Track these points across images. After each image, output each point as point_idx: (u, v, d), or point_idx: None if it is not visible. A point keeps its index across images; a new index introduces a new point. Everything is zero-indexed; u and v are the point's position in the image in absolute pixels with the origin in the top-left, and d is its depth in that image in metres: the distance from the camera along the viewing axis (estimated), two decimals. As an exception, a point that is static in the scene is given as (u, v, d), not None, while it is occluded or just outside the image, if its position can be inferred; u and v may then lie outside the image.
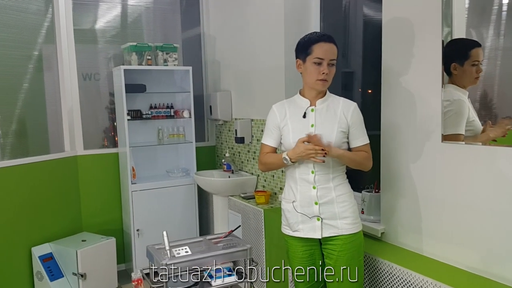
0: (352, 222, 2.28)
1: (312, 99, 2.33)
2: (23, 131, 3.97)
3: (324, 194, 2.27)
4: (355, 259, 2.28)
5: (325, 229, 2.28)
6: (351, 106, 2.31)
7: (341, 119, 2.27)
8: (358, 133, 2.30)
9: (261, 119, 3.95)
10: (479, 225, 2.13)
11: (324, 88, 2.30)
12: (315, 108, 2.31)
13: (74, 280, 3.77)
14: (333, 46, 2.24)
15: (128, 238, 4.33)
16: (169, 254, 2.48)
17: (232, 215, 3.99)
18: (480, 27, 2.22)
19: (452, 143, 2.25)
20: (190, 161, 4.56)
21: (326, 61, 2.22)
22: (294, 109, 2.36)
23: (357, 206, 2.35)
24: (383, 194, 2.70)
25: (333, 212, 2.27)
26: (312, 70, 2.25)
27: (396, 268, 2.33)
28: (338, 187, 2.29)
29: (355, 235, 2.29)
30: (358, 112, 2.31)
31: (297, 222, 2.34)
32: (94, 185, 4.37)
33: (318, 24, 3.54)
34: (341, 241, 2.27)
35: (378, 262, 2.46)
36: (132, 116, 4.29)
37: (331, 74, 2.26)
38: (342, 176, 2.33)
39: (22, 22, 3.84)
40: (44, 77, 4.12)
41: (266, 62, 3.82)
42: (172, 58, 4.36)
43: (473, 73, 2.19)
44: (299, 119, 2.32)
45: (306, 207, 2.30)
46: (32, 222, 3.82)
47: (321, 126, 2.27)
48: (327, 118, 2.28)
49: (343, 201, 2.28)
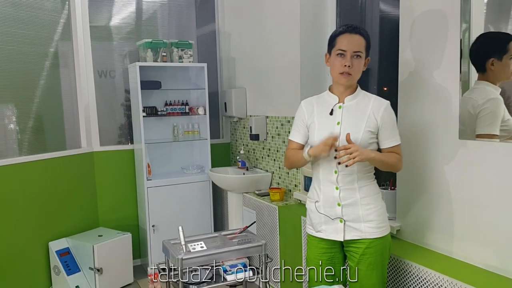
0: (376, 226, 2.18)
1: (340, 95, 2.23)
2: (40, 127, 4.01)
3: (348, 196, 2.18)
4: (377, 263, 2.19)
5: (347, 232, 2.20)
6: (382, 105, 2.17)
7: (370, 118, 2.15)
8: (389, 134, 2.18)
9: (276, 116, 3.94)
10: (500, 223, 2.11)
11: (348, 82, 2.17)
12: (343, 105, 2.20)
13: (90, 274, 3.81)
14: (358, 37, 2.13)
15: (144, 233, 4.36)
16: (184, 249, 2.49)
17: (246, 212, 4.00)
18: (499, 23, 2.19)
19: (468, 140, 2.21)
20: (205, 158, 4.58)
21: (349, 52, 2.11)
22: (322, 105, 2.26)
23: (384, 208, 2.25)
24: (399, 192, 2.68)
25: (357, 215, 2.18)
26: (335, 63, 2.17)
27: (412, 265, 2.31)
28: (363, 189, 2.19)
29: (379, 239, 2.19)
30: (389, 111, 2.18)
31: (320, 222, 2.27)
32: (110, 181, 4.41)
33: (334, 21, 3.53)
34: (364, 244, 2.18)
35: (393, 259, 2.44)
36: (147, 113, 4.31)
37: (356, 68, 2.14)
38: (368, 177, 2.22)
39: (39, 19, 3.88)
40: (60, 74, 4.16)
41: (281, 58, 3.82)
42: (187, 55, 4.37)
43: (511, 68, 2.10)
44: (326, 116, 2.22)
45: (329, 208, 2.22)
46: (49, 217, 3.86)
47: (347, 124, 2.16)
48: (355, 116, 2.17)
49: (368, 203, 2.18)
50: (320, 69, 3.58)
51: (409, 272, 2.34)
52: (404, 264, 2.37)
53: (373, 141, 2.17)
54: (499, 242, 2.11)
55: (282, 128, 3.85)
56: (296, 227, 3.22)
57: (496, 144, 2.12)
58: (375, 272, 2.19)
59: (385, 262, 2.24)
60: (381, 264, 2.21)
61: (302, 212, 3.24)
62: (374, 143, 2.19)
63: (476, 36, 2.21)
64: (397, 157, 2.19)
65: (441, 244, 2.41)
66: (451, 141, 2.30)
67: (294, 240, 3.26)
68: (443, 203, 2.39)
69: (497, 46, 2.15)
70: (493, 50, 2.15)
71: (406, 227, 2.65)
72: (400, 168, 2.25)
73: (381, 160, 2.15)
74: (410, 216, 2.61)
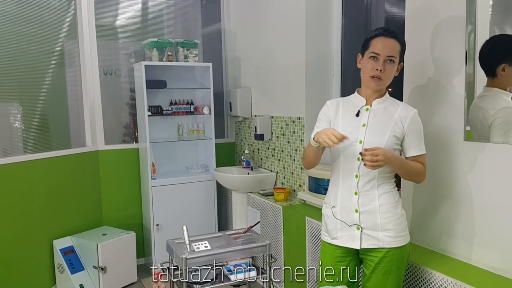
0: (394, 235, 2.11)
1: (368, 98, 2.16)
2: (45, 125, 4.03)
3: (366, 202, 2.11)
4: (393, 272, 2.13)
5: (364, 240, 2.12)
6: (410, 112, 2.12)
7: (397, 124, 2.09)
8: (415, 142, 2.11)
9: (281, 116, 3.94)
10: (505, 225, 2.10)
11: (378, 87, 2.11)
12: (371, 108, 2.14)
13: (94, 273, 3.82)
14: (394, 41, 2.07)
15: (148, 232, 4.36)
16: (188, 248, 2.49)
17: (251, 212, 4.00)
18: (504, 24, 2.17)
19: (474, 142, 2.19)
20: (210, 157, 4.58)
21: (382, 57, 2.05)
22: (348, 107, 2.20)
23: (404, 217, 2.17)
24: (404, 193, 2.66)
25: (375, 223, 2.11)
26: (367, 65, 2.10)
27: (419, 268, 2.30)
28: (383, 196, 2.11)
29: (397, 249, 2.11)
30: (417, 119, 2.12)
31: (335, 229, 2.20)
32: (114, 180, 4.42)
33: (339, 21, 3.52)
34: (381, 253, 2.11)
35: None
36: (152, 112, 4.31)
37: (387, 73, 2.07)
38: (390, 184, 2.15)
39: (45, 18, 3.89)
40: (66, 73, 4.17)
41: (286, 58, 3.81)
42: (193, 54, 4.37)
43: None
44: (352, 117, 2.15)
45: (346, 214, 2.15)
46: (53, 215, 3.87)
47: (373, 127, 2.10)
48: (382, 120, 2.11)
49: (387, 211, 2.10)
50: (326, 69, 3.58)
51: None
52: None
53: (397, 147, 2.12)
54: (503, 244, 2.10)
55: (287, 128, 3.85)
56: (301, 228, 3.21)
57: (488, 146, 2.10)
58: (390, 281, 2.13)
59: (401, 271, 2.18)
60: (397, 273, 2.15)
61: (307, 213, 3.24)
62: (398, 150, 2.13)
63: (481, 37, 2.18)
64: (422, 167, 2.13)
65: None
66: (460, 144, 2.28)
67: (298, 240, 3.25)
68: (448, 205, 2.38)
69: (510, 51, 2.10)
70: (505, 55, 2.09)
71: (411, 228, 2.63)
72: (423, 179, 2.18)
73: (405, 166, 2.10)
74: (415, 217, 2.60)
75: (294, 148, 3.78)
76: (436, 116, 2.41)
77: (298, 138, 3.70)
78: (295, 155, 3.77)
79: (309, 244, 3.13)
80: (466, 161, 2.26)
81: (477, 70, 2.21)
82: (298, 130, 3.69)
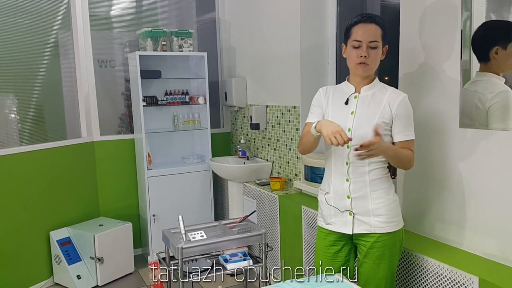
0: (386, 220, 2.13)
1: (357, 86, 2.19)
2: (41, 117, 4.02)
3: (358, 188, 2.14)
4: (385, 257, 2.15)
5: (356, 225, 2.16)
6: (398, 97, 2.12)
7: (385, 109, 2.10)
8: (403, 127, 2.12)
9: (276, 105, 3.93)
10: (500, 212, 2.11)
11: (366, 73, 2.13)
12: (359, 95, 2.17)
13: (91, 263, 3.83)
14: (374, 26, 2.08)
15: (145, 223, 4.37)
16: (184, 238, 2.50)
17: (247, 201, 4.00)
18: (501, 11, 2.17)
19: (469, 129, 2.19)
20: (206, 147, 4.58)
21: (364, 43, 2.06)
22: (338, 95, 2.23)
23: (397, 203, 2.19)
24: (398, 180, 2.67)
25: (366, 208, 2.14)
26: (351, 54, 2.12)
27: (413, 255, 2.32)
28: (374, 182, 2.13)
29: (389, 234, 2.14)
30: (406, 104, 2.12)
31: (329, 214, 2.24)
32: (110, 171, 4.42)
33: (334, 9, 3.51)
34: (373, 238, 2.14)
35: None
36: (147, 102, 4.30)
37: (372, 58, 2.09)
38: (381, 170, 2.16)
39: (39, 9, 3.86)
40: (60, 64, 4.15)
41: (281, 48, 3.80)
42: (187, 44, 4.35)
43: None
44: (341, 105, 2.18)
45: (338, 200, 2.19)
46: (50, 206, 3.88)
47: (361, 114, 2.12)
48: (370, 106, 2.13)
49: (379, 197, 2.13)
50: (321, 58, 3.57)
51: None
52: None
53: (387, 133, 2.12)
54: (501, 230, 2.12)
55: (283, 118, 3.84)
56: (297, 216, 3.22)
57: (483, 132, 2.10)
58: (382, 266, 2.16)
59: (394, 257, 2.19)
60: (389, 258, 2.16)
61: (303, 202, 3.25)
62: (388, 135, 2.13)
63: (477, 24, 2.17)
64: (411, 154, 2.13)
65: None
66: (454, 130, 2.28)
67: (295, 229, 3.26)
68: (443, 192, 2.39)
69: (502, 34, 2.09)
70: (497, 38, 2.09)
71: (405, 215, 2.64)
72: (411, 166, 2.17)
73: (397, 155, 2.10)
74: (410, 204, 2.61)
75: (289, 137, 3.79)
76: (431, 102, 2.41)
77: (294, 127, 3.70)
78: (291, 144, 3.77)
79: (305, 233, 3.14)
80: (462, 148, 2.27)
81: (473, 57, 2.20)
82: (293, 119, 3.69)
